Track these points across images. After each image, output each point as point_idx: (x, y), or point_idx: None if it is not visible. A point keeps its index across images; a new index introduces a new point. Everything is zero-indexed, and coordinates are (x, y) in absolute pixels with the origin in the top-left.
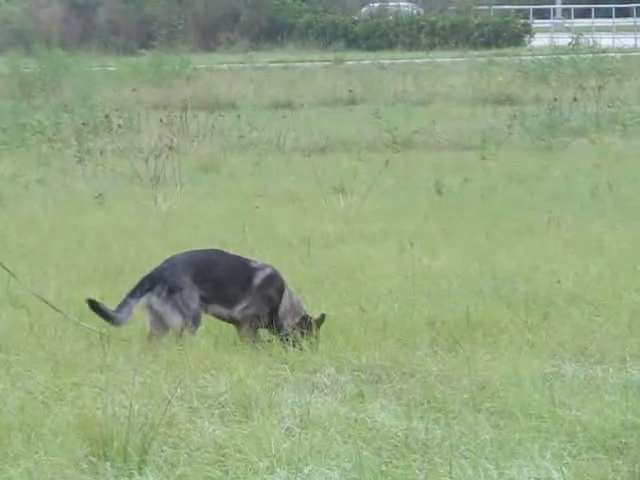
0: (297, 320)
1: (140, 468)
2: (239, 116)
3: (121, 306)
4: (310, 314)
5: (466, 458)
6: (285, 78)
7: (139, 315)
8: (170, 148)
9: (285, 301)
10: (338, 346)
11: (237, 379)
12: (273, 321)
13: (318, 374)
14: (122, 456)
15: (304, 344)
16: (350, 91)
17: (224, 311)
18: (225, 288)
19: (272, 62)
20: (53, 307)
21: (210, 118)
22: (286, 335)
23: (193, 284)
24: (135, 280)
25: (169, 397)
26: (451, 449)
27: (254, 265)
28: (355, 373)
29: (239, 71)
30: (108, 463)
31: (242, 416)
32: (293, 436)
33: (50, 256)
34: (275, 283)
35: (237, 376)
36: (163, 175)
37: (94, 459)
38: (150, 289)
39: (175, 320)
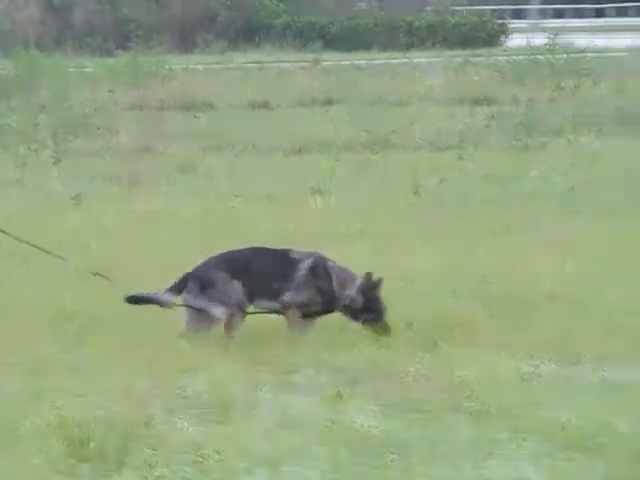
0: (356, 287)
1: (118, 469)
2: (216, 116)
3: (162, 295)
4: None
5: (444, 458)
6: (262, 78)
7: (117, 316)
8: (147, 149)
9: (335, 281)
10: (316, 347)
11: (216, 380)
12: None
13: (296, 375)
14: (100, 457)
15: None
16: (327, 91)
17: (270, 304)
18: (268, 282)
19: (249, 63)
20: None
21: (187, 119)
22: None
23: (231, 279)
24: (114, 281)
25: (147, 398)
26: (429, 449)
27: (295, 256)
28: (333, 374)
29: (216, 72)
30: (86, 464)
31: (221, 417)
32: (271, 437)
33: (27, 257)
34: (320, 271)
35: (216, 377)
36: (140, 176)
37: (72, 460)
38: (184, 287)
39: (218, 312)
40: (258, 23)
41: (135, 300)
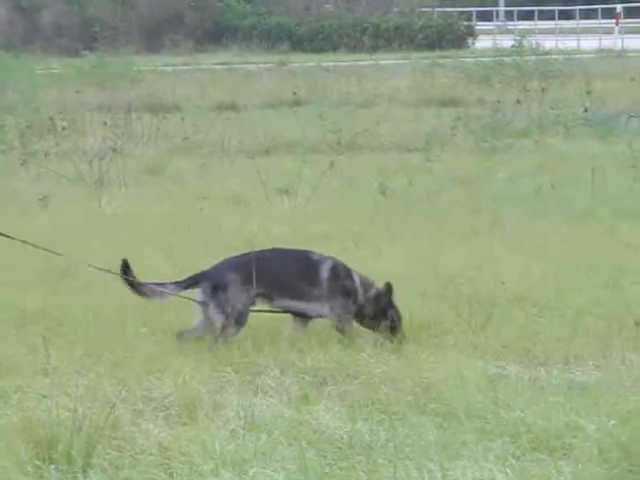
0: (373, 294)
1: (84, 471)
2: (183, 118)
3: (159, 284)
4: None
5: (410, 459)
6: (229, 80)
7: (82, 318)
8: (114, 150)
9: (357, 283)
10: (283, 348)
11: (182, 381)
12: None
13: (263, 376)
14: (66, 459)
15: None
16: (294, 93)
17: (296, 304)
18: (288, 283)
19: (216, 64)
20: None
21: (154, 120)
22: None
23: (244, 284)
24: (79, 283)
25: (113, 400)
26: (395, 451)
27: (316, 257)
28: (300, 375)
29: (183, 73)
30: (52, 466)
31: (187, 418)
32: (238, 438)
33: None
34: (342, 271)
35: (182, 378)
36: (107, 177)
37: (38, 462)
38: (196, 284)
39: (216, 318)
40: (225, 24)
41: (126, 268)
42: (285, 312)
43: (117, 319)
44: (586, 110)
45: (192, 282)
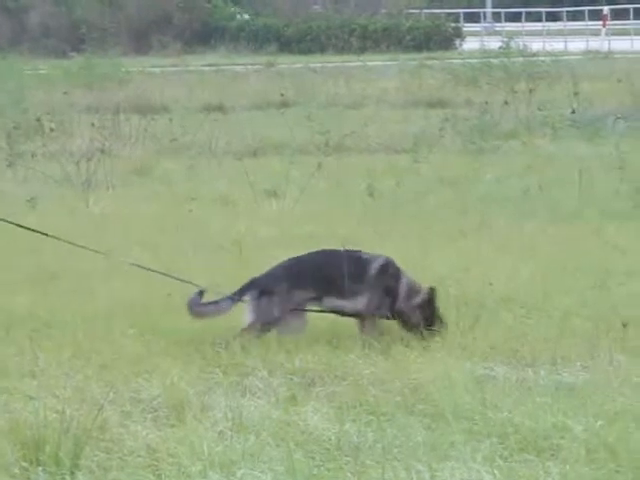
0: (419, 300)
1: (72, 473)
2: (171, 119)
3: (212, 302)
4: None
5: (398, 460)
6: (217, 81)
7: (70, 320)
8: (102, 151)
9: (402, 287)
10: (271, 349)
11: (170, 383)
12: (395, 311)
13: (250, 377)
14: (54, 461)
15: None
16: (282, 94)
17: (341, 303)
18: (339, 283)
19: (204, 65)
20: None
21: (142, 121)
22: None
23: (292, 290)
24: (67, 285)
25: (101, 401)
26: (383, 452)
27: (366, 257)
28: (288, 376)
29: (171, 74)
30: (40, 468)
31: (175, 420)
32: (226, 439)
33: None
34: (390, 271)
35: (170, 380)
36: (95, 178)
37: (26, 464)
38: (246, 292)
39: (247, 318)
40: (213, 25)
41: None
42: (332, 312)
43: (105, 321)
44: (573, 111)
45: (243, 293)
